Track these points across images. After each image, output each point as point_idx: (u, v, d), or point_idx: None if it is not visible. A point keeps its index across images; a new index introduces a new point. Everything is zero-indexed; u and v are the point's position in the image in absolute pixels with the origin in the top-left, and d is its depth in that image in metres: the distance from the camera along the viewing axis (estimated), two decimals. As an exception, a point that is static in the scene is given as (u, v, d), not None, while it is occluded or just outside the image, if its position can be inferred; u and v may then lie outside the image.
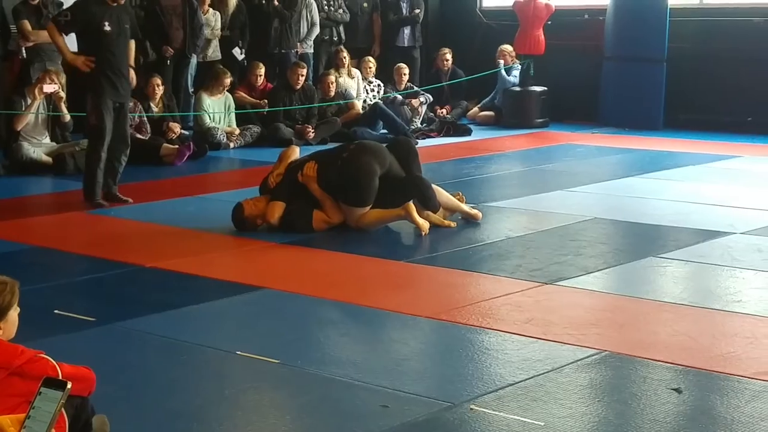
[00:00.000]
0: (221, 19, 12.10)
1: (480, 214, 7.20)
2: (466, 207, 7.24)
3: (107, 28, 7.55)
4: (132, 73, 7.99)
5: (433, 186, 7.03)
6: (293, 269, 6.04)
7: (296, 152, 7.29)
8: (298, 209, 6.87)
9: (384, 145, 7.25)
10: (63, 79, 9.52)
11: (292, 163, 7.10)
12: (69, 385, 2.37)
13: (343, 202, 6.86)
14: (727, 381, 4.12)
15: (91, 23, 7.54)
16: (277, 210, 6.88)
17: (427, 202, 6.95)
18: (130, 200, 7.86)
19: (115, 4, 7.60)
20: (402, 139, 8.48)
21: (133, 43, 8.07)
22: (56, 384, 2.38)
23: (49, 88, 9.32)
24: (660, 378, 4.16)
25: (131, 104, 10.03)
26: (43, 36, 8.96)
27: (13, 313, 3.09)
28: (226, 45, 12.17)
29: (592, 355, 4.40)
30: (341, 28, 12.89)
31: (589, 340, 4.61)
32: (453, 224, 7.08)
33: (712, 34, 12.25)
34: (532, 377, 4.15)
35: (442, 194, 7.12)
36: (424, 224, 6.78)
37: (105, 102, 7.61)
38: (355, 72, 12.25)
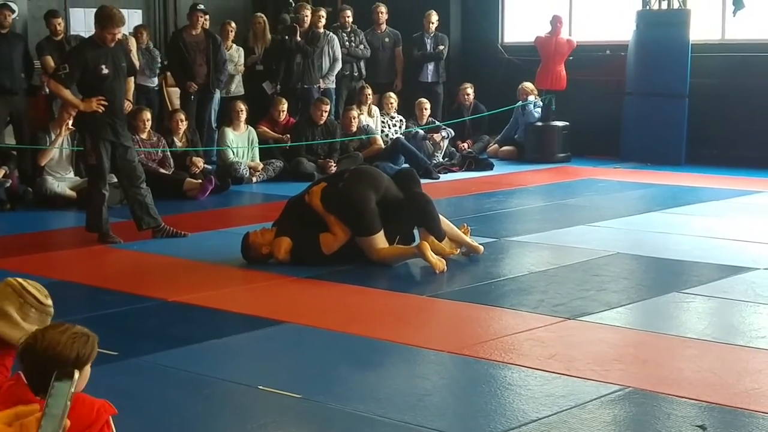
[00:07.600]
0: (258, 53, 12.21)
1: (482, 248, 7.20)
2: (469, 239, 7.22)
3: (105, 71, 7.54)
4: (128, 105, 8.16)
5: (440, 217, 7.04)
6: (313, 303, 6.05)
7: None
8: (305, 240, 6.91)
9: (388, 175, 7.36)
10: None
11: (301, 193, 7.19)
12: (77, 375, 2.33)
13: (353, 234, 6.89)
14: (752, 418, 4.08)
15: (88, 68, 7.53)
16: (284, 245, 6.93)
17: (430, 221, 6.94)
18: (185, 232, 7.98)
19: (112, 45, 7.58)
20: (404, 168, 8.52)
21: (131, 81, 8.17)
22: (64, 375, 2.32)
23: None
24: (684, 414, 4.13)
25: (155, 139, 10.18)
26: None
27: (88, 368, 2.94)
28: (258, 79, 12.25)
29: (616, 392, 4.37)
30: (362, 64, 12.97)
31: (613, 376, 4.58)
32: (456, 251, 7.10)
33: (734, 69, 12.23)
34: (555, 413, 4.12)
35: (447, 224, 7.12)
36: (439, 263, 6.68)
37: (103, 142, 7.66)
38: (375, 110, 12.31)
